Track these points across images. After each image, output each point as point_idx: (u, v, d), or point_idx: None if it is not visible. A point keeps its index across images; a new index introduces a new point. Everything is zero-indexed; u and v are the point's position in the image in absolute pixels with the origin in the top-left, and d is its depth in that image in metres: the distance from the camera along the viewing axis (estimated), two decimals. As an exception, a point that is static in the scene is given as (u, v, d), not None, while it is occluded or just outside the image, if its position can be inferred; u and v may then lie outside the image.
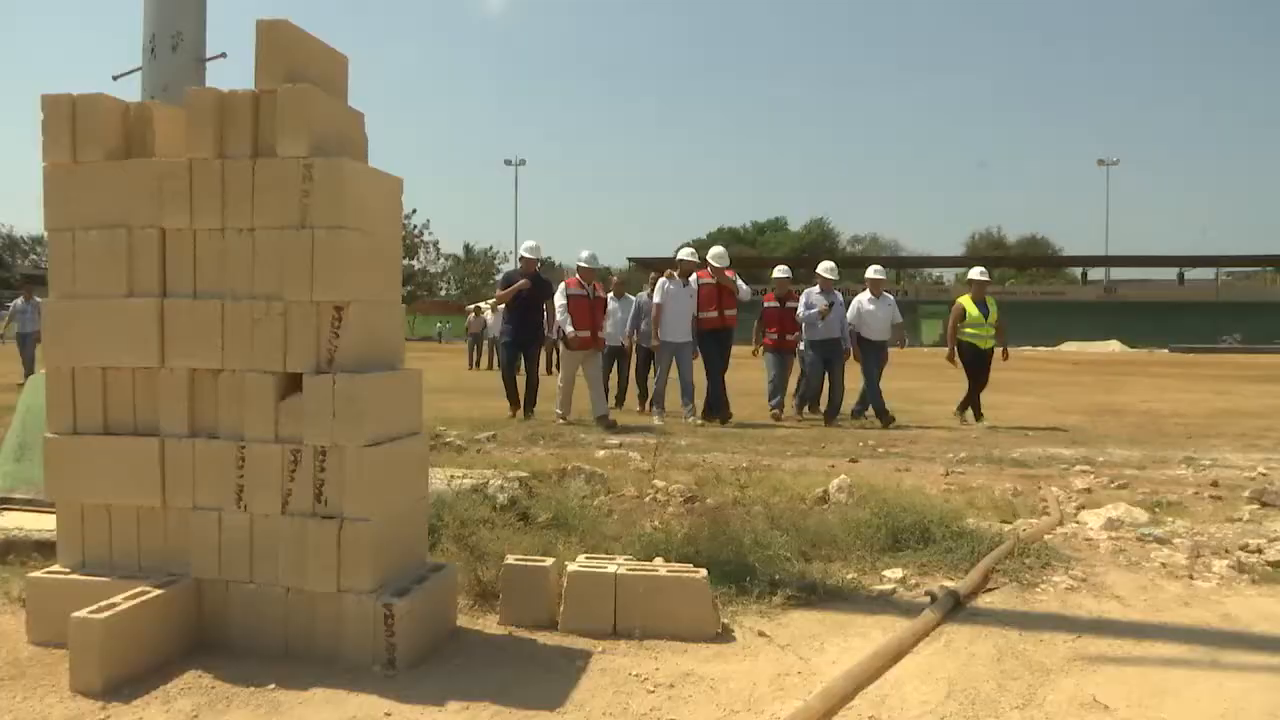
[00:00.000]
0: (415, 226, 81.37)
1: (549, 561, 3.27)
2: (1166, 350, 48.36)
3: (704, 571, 3.16)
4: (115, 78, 4.75)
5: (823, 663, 2.91)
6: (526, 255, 10.44)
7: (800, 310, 10.89)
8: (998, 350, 10.90)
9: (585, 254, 10.17)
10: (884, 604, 3.52)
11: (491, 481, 4.74)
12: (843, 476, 5.38)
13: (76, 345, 3.05)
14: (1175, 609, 3.51)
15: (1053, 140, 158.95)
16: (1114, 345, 51.01)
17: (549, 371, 16.96)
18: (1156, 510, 5.24)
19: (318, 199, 2.89)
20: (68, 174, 3.07)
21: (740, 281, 10.73)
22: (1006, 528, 4.66)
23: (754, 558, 3.70)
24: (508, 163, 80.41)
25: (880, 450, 8.00)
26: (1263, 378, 22.27)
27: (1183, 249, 64.84)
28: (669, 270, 10.64)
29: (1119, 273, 78.19)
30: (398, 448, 3.02)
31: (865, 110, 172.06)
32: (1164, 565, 4.07)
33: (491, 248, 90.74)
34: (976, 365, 10.84)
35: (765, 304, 11.32)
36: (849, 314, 10.95)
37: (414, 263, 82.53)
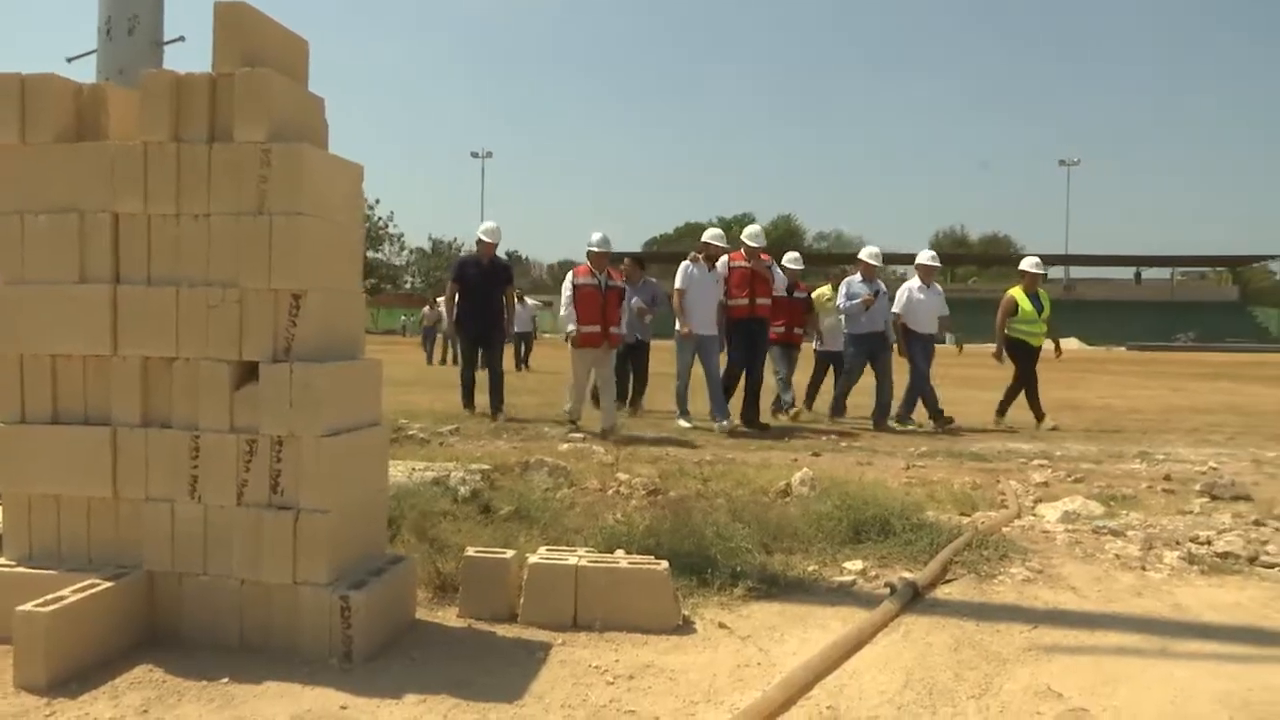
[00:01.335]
0: (380, 218, 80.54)
1: (509, 554, 3.25)
2: (1124, 348, 49.19)
3: (665, 564, 3.16)
4: (70, 60, 4.65)
5: (782, 654, 2.91)
6: (484, 238, 9.46)
7: (841, 301, 9.89)
8: (1048, 346, 10.11)
9: (597, 236, 8.62)
10: (844, 595, 3.53)
11: (453, 474, 4.71)
12: (805, 470, 5.41)
13: (25, 332, 2.97)
14: (1128, 599, 3.57)
15: (1016, 140, 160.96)
16: (1073, 343, 51.80)
17: (517, 368, 16.53)
18: (1111, 503, 5.32)
19: (276, 185, 2.84)
20: (16, 156, 2.99)
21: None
22: (965, 520, 4.71)
23: (716, 550, 3.71)
24: (474, 155, 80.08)
25: (844, 445, 8.05)
26: (1214, 375, 22.75)
27: (1140, 249, 66.10)
28: (693, 253, 9.34)
29: (1078, 271, 79.50)
30: (356, 438, 2.98)
31: (832, 108, 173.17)
32: (1118, 557, 4.13)
33: (457, 240, 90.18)
34: (1030, 363, 9.98)
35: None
36: (896, 304, 9.97)
37: (378, 255, 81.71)
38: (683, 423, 9.04)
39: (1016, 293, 10.17)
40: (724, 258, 9.24)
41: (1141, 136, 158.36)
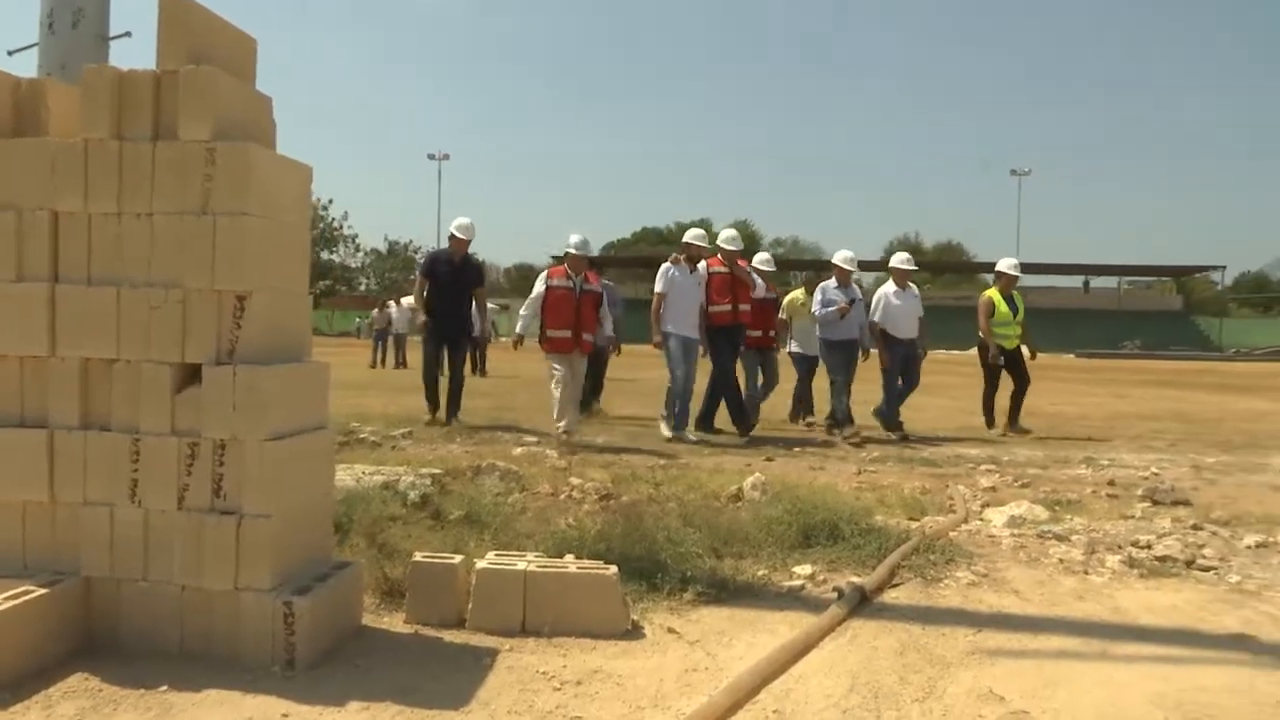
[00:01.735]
0: (334, 218, 79.61)
1: (457, 559, 3.23)
2: (1072, 355, 50.11)
3: (614, 568, 3.16)
4: (10, 53, 4.54)
5: (730, 658, 2.93)
6: (457, 234, 8.97)
7: (815, 307, 9.48)
8: (1026, 350, 10.03)
9: (575, 238, 8.15)
10: (793, 600, 3.56)
11: (403, 478, 4.67)
12: (757, 475, 5.44)
13: (-42, 332, 2.89)
14: (1070, 603, 3.64)
15: (970, 149, 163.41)
16: (1023, 349, 52.51)
17: (473, 372, 16.21)
18: (1056, 508, 5.42)
19: (220, 184, 2.80)
20: (-50, 151, 2.91)
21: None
22: (914, 525, 4.77)
23: (666, 555, 3.72)
24: (431, 157, 79.33)
25: (796, 450, 8.10)
26: (1158, 382, 23.27)
27: (1088, 258, 67.73)
28: (674, 255, 8.98)
29: (1028, 280, 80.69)
30: (302, 442, 2.94)
31: (788, 115, 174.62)
32: (1061, 561, 4.21)
33: (413, 242, 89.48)
34: (1005, 365, 9.94)
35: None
36: (873, 310, 9.65)
37: (333, 256, 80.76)
38: (666, 432, 8.59)
39: (993, 294, 10.04)
40: (703, 262, 8.94)
41: (1091, 148, 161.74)
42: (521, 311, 8.11)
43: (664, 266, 8.81)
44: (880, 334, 9.54)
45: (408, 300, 24.70)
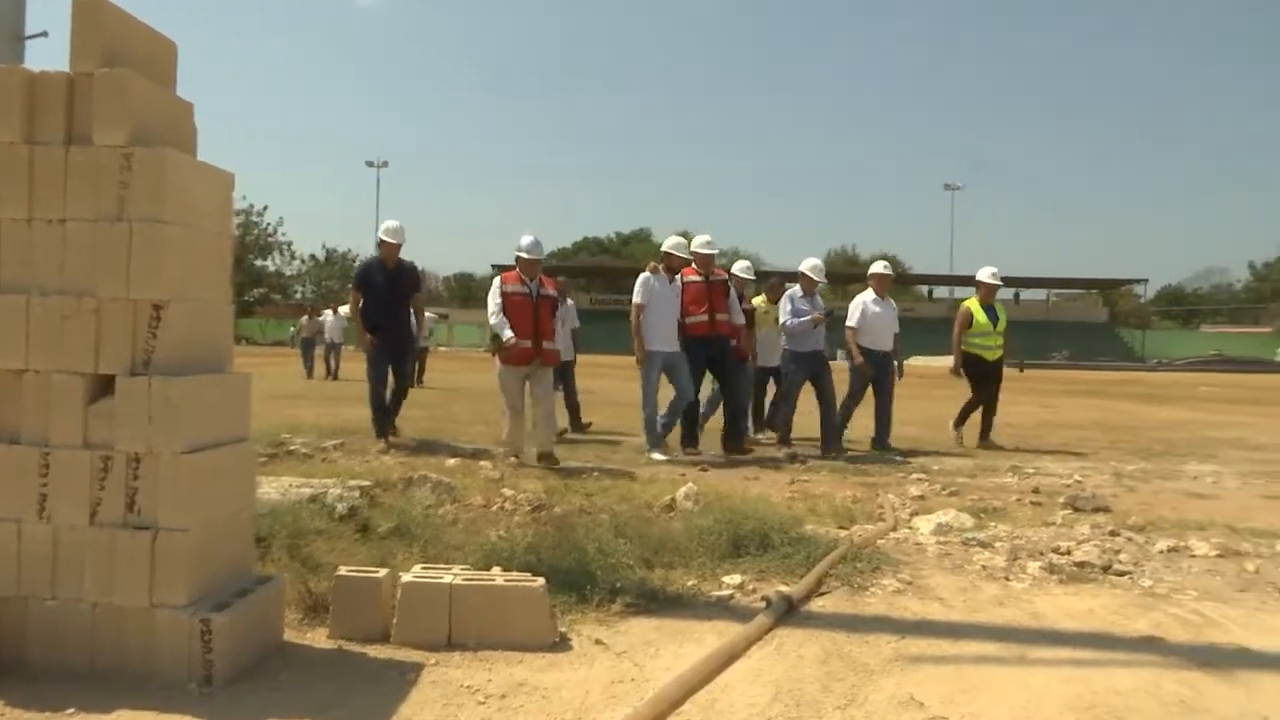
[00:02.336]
0: (268, 225, 78.24)
1: (382, 572, 3.18)
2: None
3: (541, 580, 3.14)
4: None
5: (657, 669, 2.93)
6: (386, 238, 8.38)
7: (785, 317, 8.93)
8: (1008, 364, 9.70)
9: (526, 240, 7.56)
10: (721, 610, 3.58)
11: (331, 490, 4.59)
12: (690, 485, 5.46)
13: None
14: (991, 609, 3.72)
15: (905, 163, 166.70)
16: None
17: (412, 383, 15.55)
18: (982, 516, 5.53)
19: (137, 190, 2.74)
20: None
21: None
22: (844, 533, 4.83)
23: (596, 566, 3.71)
24: (370, 164, 78.43)
25: (784, 467, 8.05)
26: (1085, 392, 23.96)
27: (1018, 271, 69.44)
28: (651, 265, 8.56)
29: (962, 291, 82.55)
30: (220, 454, 2.88)
31: (727, 126, 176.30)
32: (984, 568, 4.30)
33: (351, 250, 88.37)
34: (984, 379, 9.62)
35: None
36: (850, 317, 9.26)
37: (267, 264, 79.32)
38: (656, 455, 7.99)
39: (972, 304, 9.71)
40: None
41: (1021, 165, 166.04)
42: (494, 322, 7.47)
43: (643, 276, 8.39)
44: (855, 344, 9.11)
45: (345, 309, 24.16)
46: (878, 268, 9.62)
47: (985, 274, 9.89)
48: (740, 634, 3.16)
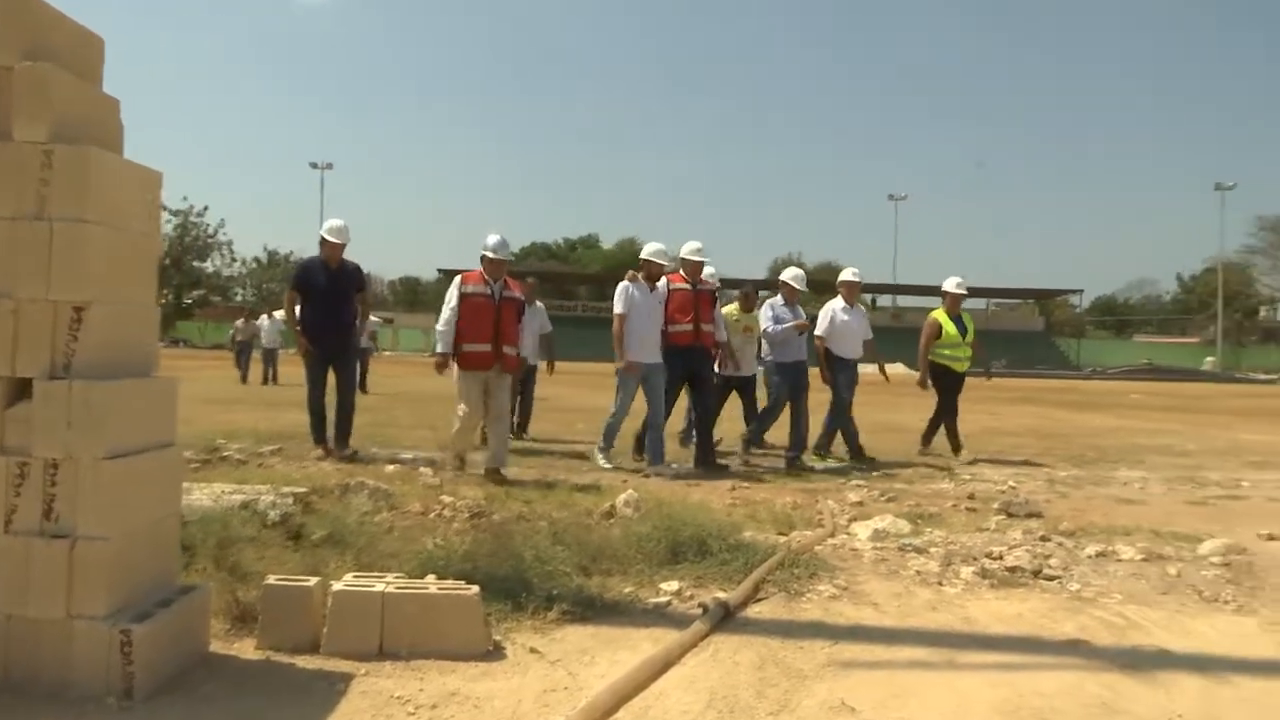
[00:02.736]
0: (209, 226, 76.71)
1: (313, 581, 3.13)
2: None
3: (476, 588, 3.11)
4: None
5: (591, 677, 2.92)
6: (329, 237, 7.86)
7: (768, 325, 8.68)
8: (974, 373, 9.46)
9: (493, 239, 7.11)
10: (658, 616, 3.58)
11: (264, 497, 4.51)
12: (631, 491, 5.45)
13: None
14: (924, 614, 3.77)
15: (849, 174, 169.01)
16: (899, 367, 54.46)
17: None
18: (918, 522, 5.61)
19: (58, 189, 2.66)
20: None
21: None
22: (782, 540, 4.86)
23: (533, 573, 3.69)
24: (314, 166, 77.25)
25: (674, 465, 8.14)
26: (1022, 400, 24.45)
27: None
28: (631, 272, 8.22)
29: (905, 300, 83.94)
30: (144, 460, 2.80)
31: (675, 133, 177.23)
32: (919, 573, 4.36)
33: (294, 252, 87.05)
34: (953, 391, 9.39)
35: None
36: (819, 326, 9.00)
37: (206, 265, 77.74)
38: (602, 462, 7.91)
39: (940, 315, 9.49)
40: (664, 279, 8.16)
41: (962, 176, 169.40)
42: (439, 327, 7.09)
43: (623, 285, 8.05)
44: (824, 352, 8.95)
45: (280, 313, 23.56)
46: (847, 275, 9.43)
47: (951, 284, 9.71)
48: (676, 641, 3.16)
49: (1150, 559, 4.73)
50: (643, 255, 8.18)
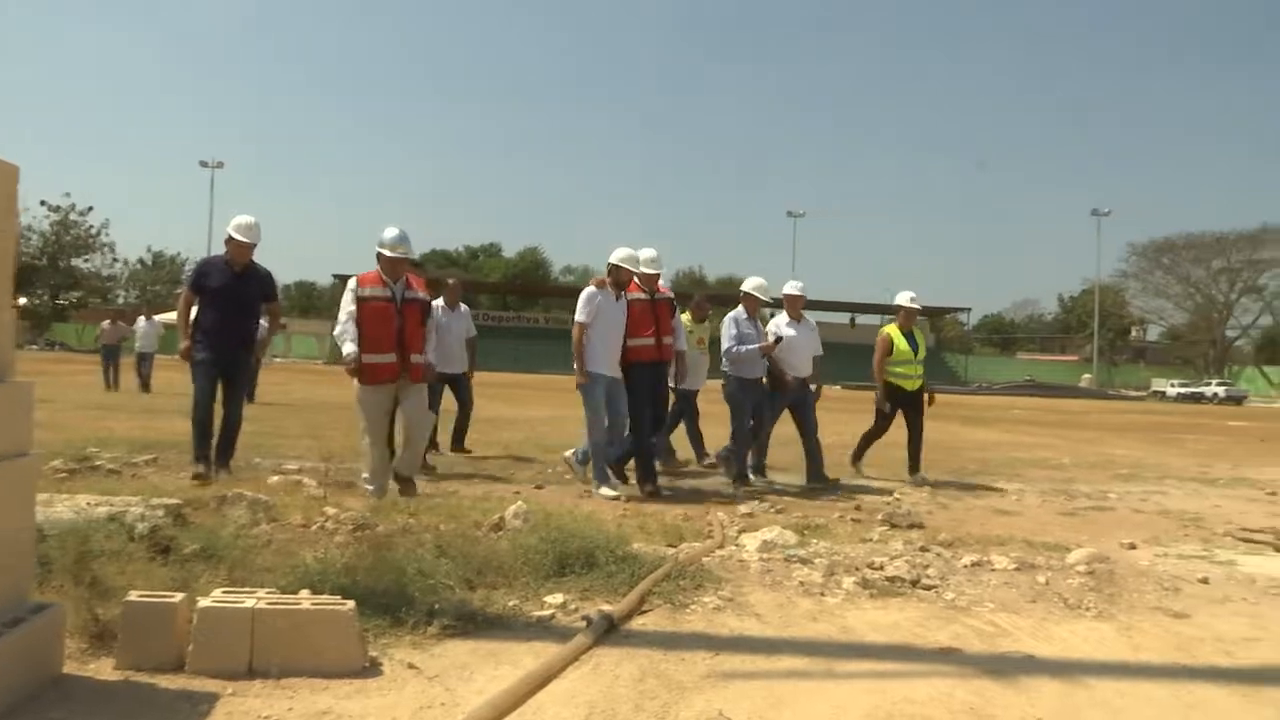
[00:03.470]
0: (90, 225, 73.42)
1: (178, 597, 3.00)
2: (840, 387, 53.43)
3: (351, 603, 3.03)
4: None
5: (469, 693, 2.87)
6: (237, 235, 7.02)
7: (730, 342, 8.16)
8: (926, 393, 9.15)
9: (390, 234, 6.41)
10: (541, 630, 3.55)
11: (132, 509, 4.30)
12: (520, 503, 5.40)
13: None
14: (804, 624, 3.83)
15: (749, 190, 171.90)
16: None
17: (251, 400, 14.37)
18: (805, 533, 5.72)
19: (-100, 182, 2.49)
20: None
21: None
22: (671, 551, 4.88)
23: (415, 587, 3.62)
24: (204, 165, 74.62)
25: (568, 477, 8.11)
26: (912, 414, 25.18)
27: (854, 297, 73.19)
28: (596, 279, 7.72)
29: (810, 314, 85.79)
30: (-8, 471, 2.64)
31: (579, 143, 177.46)
32: (802, 583, 4.44)
33: (180, 254, 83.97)
34: (903, 409, 9.07)
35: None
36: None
37: (87, 264, 74.32)
38: (606, 491, 7.19)
39: (892, 330, 9.14)
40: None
41: (858, 196, 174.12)
42: (337, 332, 6.40)
43: (589, 291, 7.48)
44: (779, 369, 8.43)
45: (162, 316, 22.29)
46: (790, 288, 8.82)
47: (904, 298, 9.24)
48: (557, 654, 3.14)
49: (1022, 568, 4.92)
50: (611, 260, 7.52)
